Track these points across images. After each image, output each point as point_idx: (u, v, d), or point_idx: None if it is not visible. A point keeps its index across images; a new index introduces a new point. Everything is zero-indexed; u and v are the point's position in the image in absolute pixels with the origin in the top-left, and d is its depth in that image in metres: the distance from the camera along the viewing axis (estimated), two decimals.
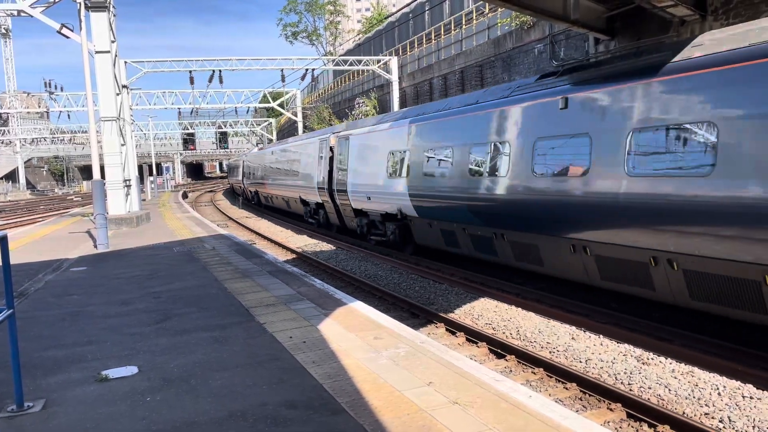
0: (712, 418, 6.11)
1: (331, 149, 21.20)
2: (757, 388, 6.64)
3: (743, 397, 6.50)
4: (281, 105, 53.30)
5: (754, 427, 5.84)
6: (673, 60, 8.43)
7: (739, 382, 6.84)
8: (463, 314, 10.65)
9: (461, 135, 13.11)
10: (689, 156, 7.86)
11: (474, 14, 31.76)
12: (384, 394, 5.03)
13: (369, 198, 17.74)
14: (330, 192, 21.24)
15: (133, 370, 5.95)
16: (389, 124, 16.99)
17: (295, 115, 53.02)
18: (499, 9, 26.79)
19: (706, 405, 6.39)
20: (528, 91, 11.37)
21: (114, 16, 22.14)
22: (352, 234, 20.77)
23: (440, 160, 13.84)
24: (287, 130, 65.31)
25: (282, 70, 35.58)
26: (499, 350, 8.53)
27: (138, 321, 7.92)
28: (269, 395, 5.12)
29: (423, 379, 5.34)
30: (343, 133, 20.42)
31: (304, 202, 25.64)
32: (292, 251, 19.08)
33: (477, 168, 12.42)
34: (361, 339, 6.63)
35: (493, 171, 11.84)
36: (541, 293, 11.43)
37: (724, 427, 5.93)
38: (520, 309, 10.63)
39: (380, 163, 16.91)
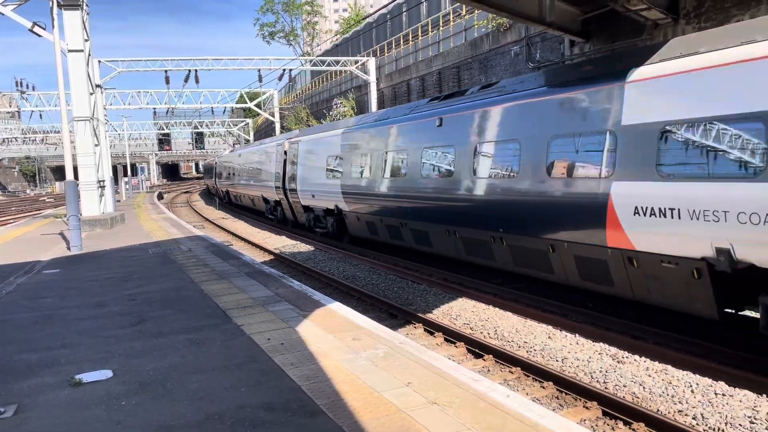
0: (686, 415, 6.22)
1: (285, 153, 23.80)
2: (729, 386, 6.77)
3: (716, 394, 6.62)
4: (258, 105, 52.97)
5: (726, 423, 5.95)
6: (494, 96, 11.58)
7: (711, 380, 6.97)
8: (441, 314, 10.68)
9: (375, 144, 16.07)
10: (505, 163, 10.92)
11: (451, 16, 31.90)
12: (363, 395, 5.02)
13: (313, 196, 20.67)
14: (284, 191, 23.94)
15: (107, 373, 5.86)
16: (328, 133, 19.78)
17: (273, 116, 52.72)
18: (476, 11, 26.95)
19: (679, 402, 6.50)
20: (420, 110, 14.26)
21: (87, 14, 21.79)
22: (302, 227, 23.54)
23: (363, 164, 16.64)
24: (264, 131, 64.91)
25: (259, 71, 35.36)
26: (477, 350, 8.58)
27: (113, 324, 7.81)
28: (247, 398, 5.08)
29: (401, 379, 5.35)
30: (295, 139, 23.31)
31: (266, 200, 28.49)
32: (270, 252, 18.97)
33: (387, 171, 15.21)
34: (339, 340, 6.62)
35: (397, 174, 14.72)
36: (518, 293, 11.52)
37: (697, 423, 6.03)
38: (497, 309, 10.70)
39: (322, 166, 19.68)
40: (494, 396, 4.88)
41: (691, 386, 6.85)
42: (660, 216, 7.76)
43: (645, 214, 7.98)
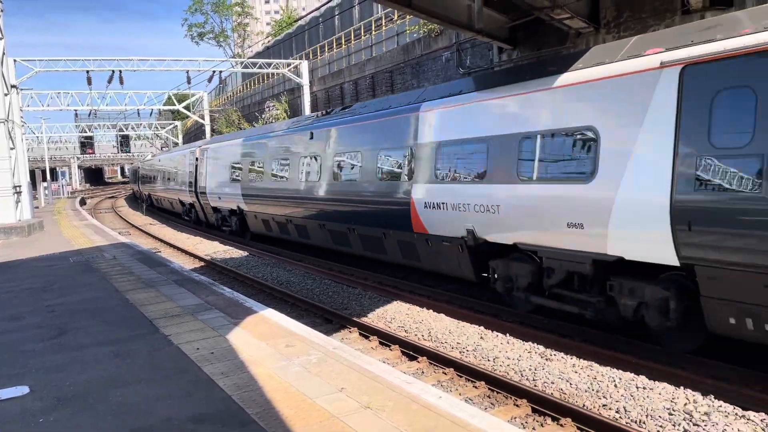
0: (610, 409, 6.46)
1: (197, 159, 25.96)
2: (650, 379, 7.09)
3: (637, 387, 6.91)
4: (187, 107, 51.53)
5: (647, 416, 6.22)
6: (347, 116, 14.54)
7: (633, 374, 7.27)
8: (376, 318, 10.70)
9: (266, 152, 18.70)
10: (353, 170, 13.67)
11: (383, 20, 32.13)
12: (295, 402, 4.95)
13: (220, 198, 22.96)
14: (196, 194, 26.14)
15: (23, 389, 5.53)
16: (231, 142, 22.39)
17: (203, 118, 51.47)
18: (408, 16, 27.25)
19: (604, 397, 6.75)
20: (301, 125, 17.00)
21: (1, 11, 20.61)
22: (212, 226, 25.71)
23: (257, 170, 19.18)
24: (194, 134, 63.27)
25: (188, 72, 34.30)
26: (411, 352, 8.63)
27: (30, 337, 7.38)
28: (175, 410, 4.92)
29: (335, 385, 5.31)
30: (204, 146, 25.62)
31: (182, 203, 30.53)
32: (201, 259, 18.48)
33: (275, 176, 17.78)
34: (272, 347, 6.51)
35: (282, 179, 17.22)
36: (451, 294, 11.69)
37: (620, 417, 6.28)
38: (431, 311, 10.82)
39: (227, 171, 22.02)
40: (427, 398, 4.92)
41: (614, 381, 7.13)
42: (438, 208, 10.76)
43: (431, 207, 10.95)
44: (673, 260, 7.04)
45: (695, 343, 7.65)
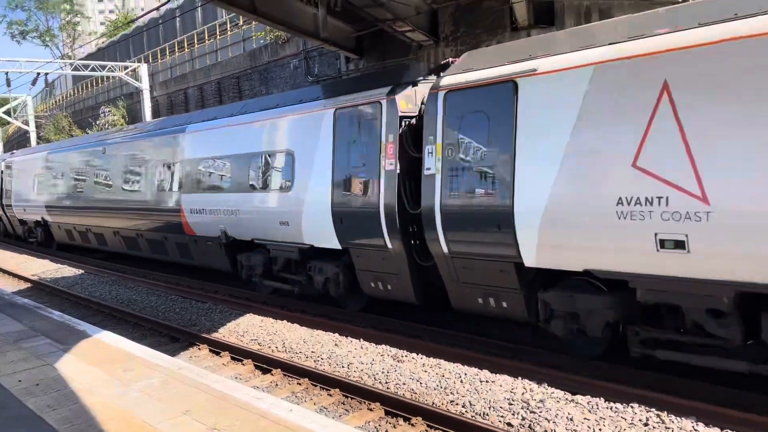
0: (457, 404, 6.75)
1: (2, 172, 26.09)
2: (492, 372, 7.52)
3: (481, 381, 7.30)
4: (8, 112, 46.41)
5: (490, 407, 6.58)
6: (134, 133, 16.68)
7: (477, 369, 7.66)
8: (227, 333, 10.31)
9: (66, 166, 19.72)
10: (136, 182, 15.42)
11: (228, 25, 31.29)
12: (135, 431, 4.60)
13: (25, 210, 23.60)
14: (2, 207, 26.13)
15: None
16: (35, 155, 23.25)
17: (27, 124, 46.66)
18: (253, 22, 26.77)
19: (451, 393, 7.04)
20: (96, 140, 18.64)
21: None
22: (20, 238, 25.82)
23: (58, 182, 20.20)
24: (17, 141, 57.13)
25: (7, 73, 31.01)
26: (264, 365, 8.42)
27: None
28: None
29: (180, 408, 5.01)
30: (9, 159, 26.13)
31: None
32: (26, 279, 16.68)
33: (74, 189, 19.00)
34: (108, 373, 6.00)
35: (80, 190, 18.55)
36: (306, 304, 11.59)
37: (466, 411, 6.58)
38: (285, 321, 10.64)
39: (31, 183, 22.68)
40: (277, 412, 4.81)
41: (460, 377, 7.47)
42: (200, 213, 12.89)
43: (195, 213, 13.03)
44: (337, 246, 9.83)
45: (361, 304, 10.45)
